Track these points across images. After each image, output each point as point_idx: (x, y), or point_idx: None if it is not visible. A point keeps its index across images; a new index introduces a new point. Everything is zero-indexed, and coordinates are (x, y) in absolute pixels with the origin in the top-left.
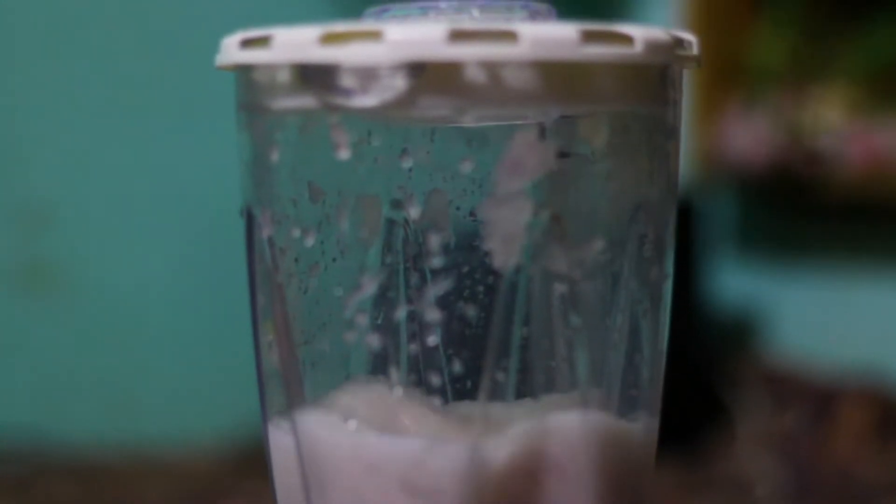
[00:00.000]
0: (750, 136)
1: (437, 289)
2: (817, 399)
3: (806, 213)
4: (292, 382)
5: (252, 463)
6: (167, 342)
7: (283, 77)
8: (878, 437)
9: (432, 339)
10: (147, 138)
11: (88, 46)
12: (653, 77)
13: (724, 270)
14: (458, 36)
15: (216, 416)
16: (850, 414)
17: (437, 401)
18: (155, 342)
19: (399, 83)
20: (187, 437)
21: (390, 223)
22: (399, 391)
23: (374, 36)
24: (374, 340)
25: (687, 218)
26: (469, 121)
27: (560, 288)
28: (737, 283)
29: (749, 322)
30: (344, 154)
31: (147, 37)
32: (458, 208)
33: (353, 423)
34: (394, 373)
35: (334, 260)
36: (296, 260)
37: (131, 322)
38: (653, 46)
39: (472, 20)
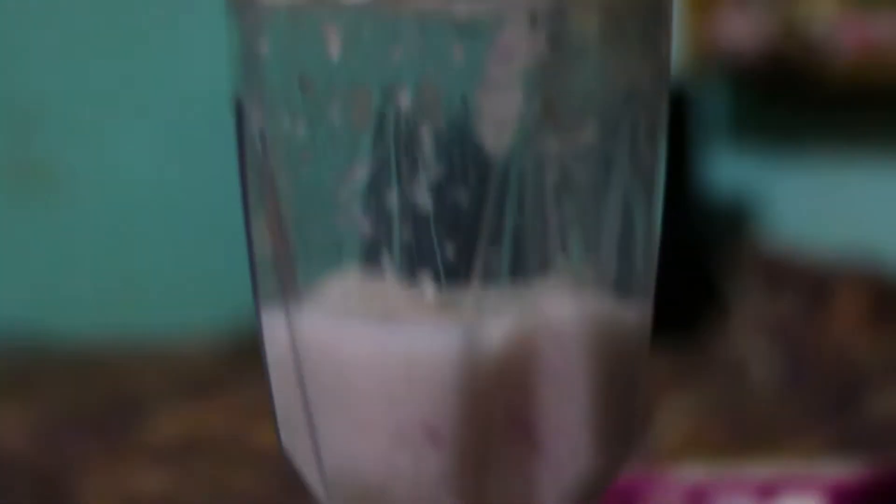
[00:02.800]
0: (744, 25)
1: (428, 176)
2: (813, 284)
3: (799, 101)
4: (285, 272)
5: (249, 354)
6: (161, 235)
7: None
8: (872, 320)
9: (424, 226)
10: (137, 32)
11: None
12: None
13: (719, 159)
14: None
15: (212, 307)
16: (845, 298)
17: (430, 287)
18: (149, 235)
19: None
20: (184, 329)
21: (381, 114)
22: (392, 278)
23: None
24: (367, 228)
25: (681, 107)
26: (460, 9)
27: (552, 174)
28: (731, 171)
29: (744, 209)
30: (334, 46)
31: None
32: (449, 97)
33: (346, 312)
34: (386, 260)
35: (325, 150)
36: (287, 150)
37: (125, 216)
38: None
39: None
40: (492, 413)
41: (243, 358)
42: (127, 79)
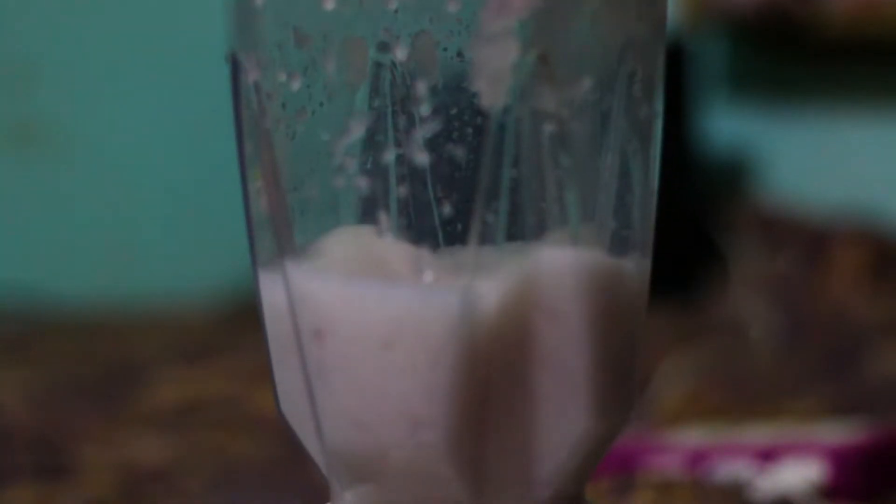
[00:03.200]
0: None
1: (425, 131)
2: (811, 241)
3: (798, 54)
4: (282, 230)
5: (249, 316)
6: (159, 195)
7: None
8: (871, 277)
9: (421, 183)
10: None
11: None
12: None
13: (716, 113)
14: None
15: (211, 270)
16: (843, 255)
17: (427, 245)
18: (147, 196)
19: None
20: (182, 292)
21: (377, 66)
22: (389, 236)
23: None
24: (363, 185)
25: (678, 61)
26: None
27: (549, 128)
28: (729, 125)
29: (742, 165)
30: None
31: None
32: (444, 49)
33: (343, 273)
34: (383, 218)
35: (321, 104)
36: (283, 105)
37: (123, 176)
38: None
39: None
40: (490, 375)
41: (242, 321)
42: (125, 38)
